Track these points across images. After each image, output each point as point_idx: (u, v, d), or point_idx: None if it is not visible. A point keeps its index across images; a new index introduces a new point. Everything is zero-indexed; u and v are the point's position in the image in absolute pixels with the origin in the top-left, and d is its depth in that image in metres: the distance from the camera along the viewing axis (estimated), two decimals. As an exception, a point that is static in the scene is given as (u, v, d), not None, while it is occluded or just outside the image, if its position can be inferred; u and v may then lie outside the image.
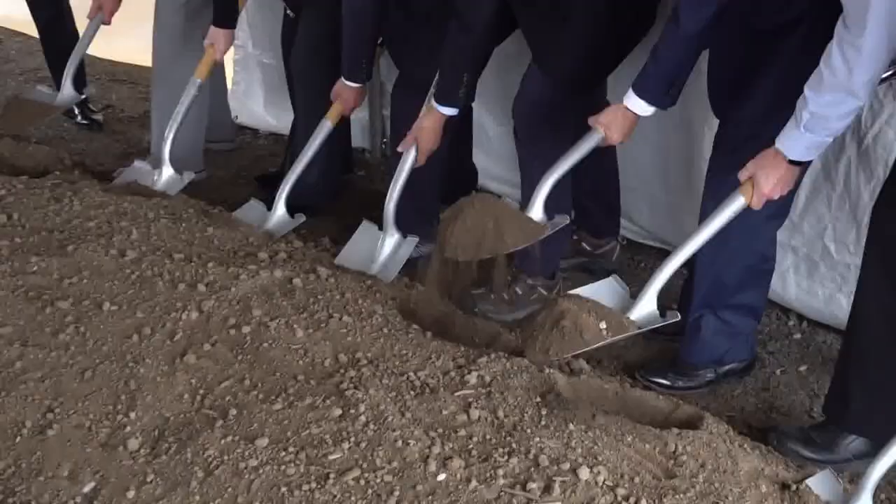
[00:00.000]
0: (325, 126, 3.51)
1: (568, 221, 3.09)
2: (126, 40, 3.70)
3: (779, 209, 2.84)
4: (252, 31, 4.75)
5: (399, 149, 3.23)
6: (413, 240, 3.35)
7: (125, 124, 4.85)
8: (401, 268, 3.35)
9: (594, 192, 3.49)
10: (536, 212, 2.92)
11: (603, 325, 2.61)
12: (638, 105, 2.80)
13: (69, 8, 4.62)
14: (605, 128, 2.85)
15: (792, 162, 2.43)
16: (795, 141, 2.38)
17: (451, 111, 3.13)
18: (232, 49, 4.72)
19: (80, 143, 4.65)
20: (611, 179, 3.56)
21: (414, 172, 3.26)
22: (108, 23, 3.90)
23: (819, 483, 2.39)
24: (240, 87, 4.91)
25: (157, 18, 4.05)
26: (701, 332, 3.00)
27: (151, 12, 4.06)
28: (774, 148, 2.43)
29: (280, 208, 3.49)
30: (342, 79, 3.45)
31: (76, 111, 4.87)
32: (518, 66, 3.41)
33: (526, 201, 3.02)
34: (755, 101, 2.66)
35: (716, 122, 3.22)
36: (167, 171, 3.83)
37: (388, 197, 3.34)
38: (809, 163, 2.52)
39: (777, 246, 3.03)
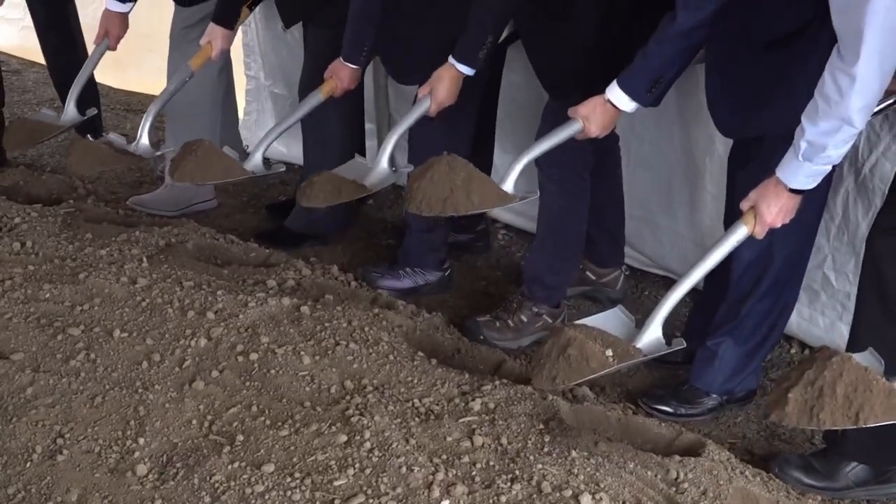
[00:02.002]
0: (316, 97, 3.44)
1: (536, 196, 3.11)
2: (139, 72, 3.71)
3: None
4: (263, 62, 4.78)
5: (419, 94, 3.15)
6: (406, 168, 3.21)
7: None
8: (387, 185, 3.28)
9: (599, 221, 3.48)
10: (507, 186, 2.89)
11: (609, 352, 2.60)
12: (620, 98, 2.76)
13: (81, 38, 4.64)
14: (584, 119, 2.82)
15: (793, 191, 2.43)
16: (795, 170, 2.38)
17: (468, 70, 3.07)
18: (244, 79, 4.77)
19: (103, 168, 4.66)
20: (615, 209, 3.55)
21: None
22: (113, 48, 3.91)
23: None
24: (251, 117, 4.93)
25: (172, 46, 4.07)
26: (717, 360, 3.00)
27: (163, 46, 4.08)
28: (775, 177, 2.43)
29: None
30: (340, 58, 3.38)
31: (93, 140, 4.88)
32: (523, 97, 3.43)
33: None
34: (777, 116, 2.63)
35: (718, 151, 3.23)
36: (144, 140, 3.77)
37: (390, 132, 3.24)
38: (814, 191, 2.52)
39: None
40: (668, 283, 3.26)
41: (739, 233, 2.51)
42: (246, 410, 2.65)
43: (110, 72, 4.49)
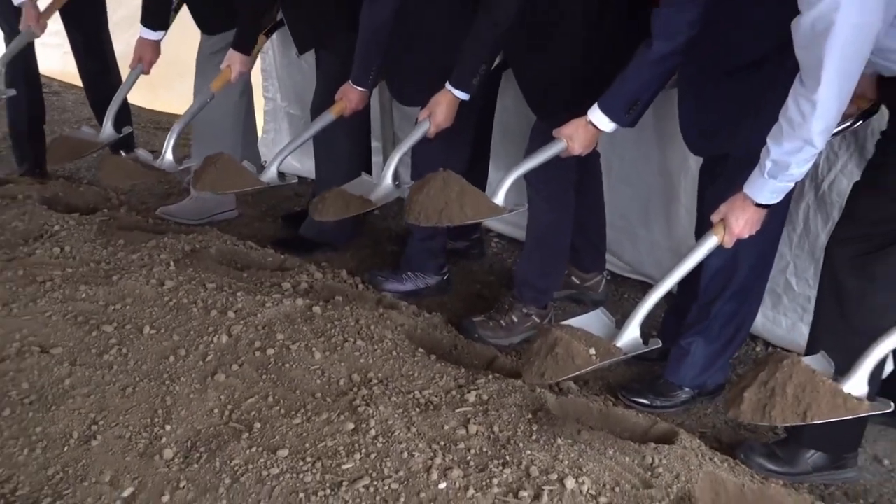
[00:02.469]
0: (328, 117, 3.44)
1: (525, 208, 3.14)
2: (168, 93, 3.71)
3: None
4: (280, 86, 4.79)
5: (419, 117, 3.14)
6: (408, 184, 3.20)
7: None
8: (391, 199, 3.27)
9: (582, 231, 3.49)
10: (498, 199, 2.90)
11: (592, 351, 2.60)
12: (601, 120, 2.77)
13: (115, 63, 4.64)
14: (568, 139, 2.83)
15: (759, 205, 2.43)
16: (761, 186, 2.39)
17: (464, 95, 3.06)
18: (263, 101, 4.78)
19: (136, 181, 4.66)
20: (597, 220, 3.56)
21: None
22: (147, 72, 3.92)
23: None
24: (269, 136, 4.94)
25: (198, 70, 4.08)
26: (689, 357, 3.00)
27: (190, 70, 4.09)
28: (743, 193, 2.44)
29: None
30: (350, 82, 3.38)
31: (123, 155, 4.88)
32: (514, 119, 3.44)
33: None
34: (742, 137, 2.63)
35: (691, 168, 3.24)
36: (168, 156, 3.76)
37: (393, 152, 3.22)
38: (777, 205, 2.53)
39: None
40: (646, 288, 3.25)
41: (710, 242, 2.52)
42: (263, 400, 2.66)
43: (142, 93, 4.49)
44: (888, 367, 2.47)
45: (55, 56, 4.82)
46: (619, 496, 2.27)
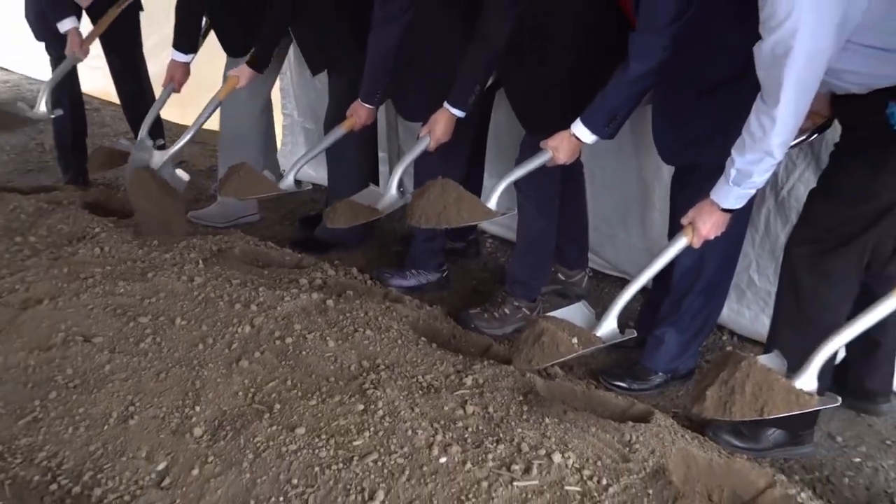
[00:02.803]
0: (339, 131, 3.43)
1: (514, 212, 3.17)
2: (197, 110, 3.71)
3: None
4: (297, 103, 4.78)
5: (420, 133, 3.14)
6: (410, 194, 3.18)
7: (196, 175, 4.84)
8: (396, 207, 3.25)
9: (567, 233, 3.49)
10: (491, 204, 2.90)
11: (575, 340, 2.60)
12: (583, 132, 2.76)
13: (149, 83, 4.63)
14: (553, 149, 2.83)
15: (724, 210, 2.44)
16: (726, 193, 2.39)
17: (460, 113, 3.05)
18: (281, 116, 4.77)
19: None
20: (580, 223, 3.56)
21: None
22: (178, 91, 3.92)
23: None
24: (287, 148, 4.92)
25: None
26: (663, 345, 3.00)
27: (215, 89, 4.08)
28: (710, 199, 2.44)
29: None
30: (359, 100, 3.37)
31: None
32: (506, 133, 3.43)
33: None
34: (710, 149, 2.62)
35: (664, 177, 3.23)
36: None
37: (397, 164, 3.21)
38: (741, 210, 2.52)
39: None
40: (624, 283, 3.21)
41: (680, 243, 2.52)
42: (282, 384, 2.66)
43: (174, 110, 4.46)
44: (839, 356, 2.47)
45: (96, 77, 4.81)
46: (601, 469, 2.28)
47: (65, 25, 4.05)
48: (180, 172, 3.89)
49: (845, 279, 2.47)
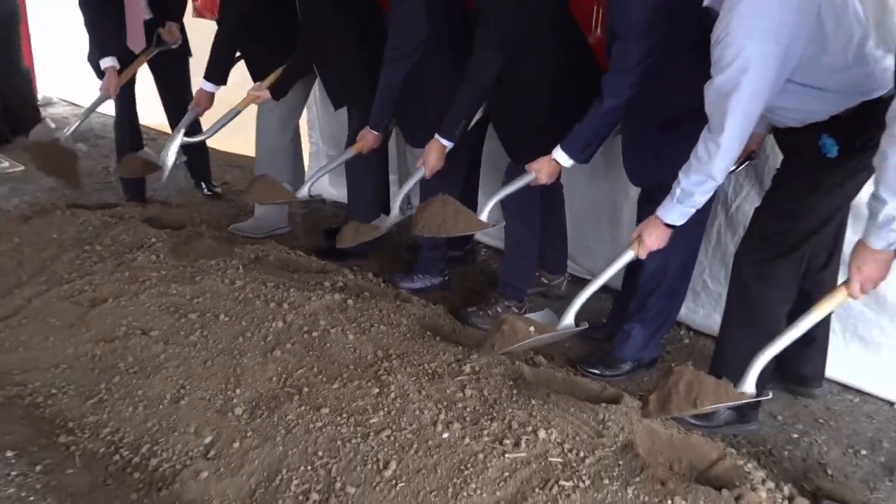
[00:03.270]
0: (349, 152, 3.47)
1: (502, 224, 3.19)
2: (236, 138, 3.70)
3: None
4: (322, 134, 4.77)
5: (417, 164, 3.18)
6: (411, 210, 3.26)
7: (236, 195, 4.88)
8: (394, 224, 3.36)
9: (550, 243, 3.50)
10: (483, 217, 2.93)
11: (532, 328, 2.61)
12: (562, 157, 2.79)
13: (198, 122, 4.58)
14: (536, 171, 2.86)
15: (667, 224, 2.42)
16: (670, 210, 2.37)
17: (449, 143, 3.07)
18: (308, 144, 4.77)
19: (206, 207, 4.66)
20: (561, 235, 3.56)
21: None
22: (200, 115, 3.96)
23: None
24: (313, 171, 4.91)
25: (258, 116, 4.07)
26: (630, 338, 3.01)
27: (251, 123, 4.10)
28: (656, 215, 2.43)
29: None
30: (368, 127, 3.38)
31: (203, 186, 4.89)
32: (495, 158, 3.44)
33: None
34: (671, 171, 2.63)
35: (632, 197, 3.24)
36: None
37: (400, 189, 3.28)
38: (696, 225, 2.52)
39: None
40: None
41: (627, 255, 2.52)
42: (309, 371, 2.66)
43: (222, 139, 4.42)
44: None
45: (152, 109, 4.80)
46: (578, 443, 2.28)
47: (105, 63, 4.02)
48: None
49: (786, 284, 2.48)
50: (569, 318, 2.64)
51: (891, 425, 2.77)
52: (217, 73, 3.84)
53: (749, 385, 2.14)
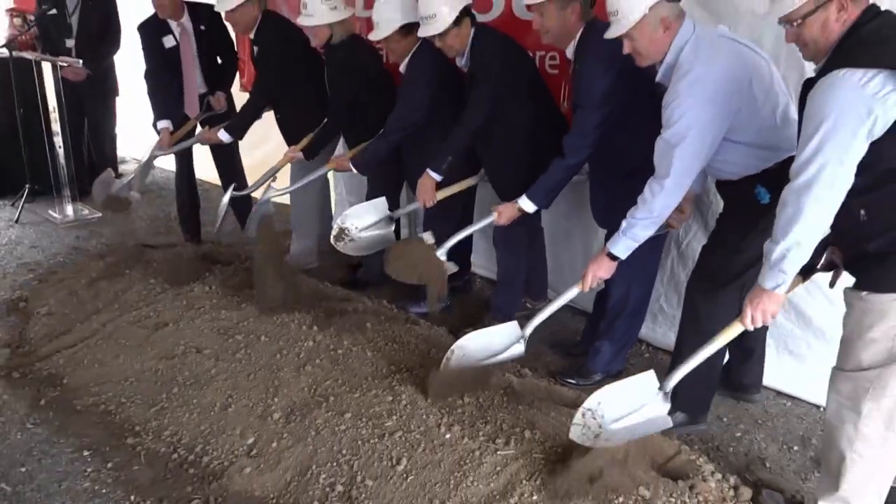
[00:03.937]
0: (323, 168, 3.61)
1: (456, 269, 3.05)
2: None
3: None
4: (345, 186, 4.76)
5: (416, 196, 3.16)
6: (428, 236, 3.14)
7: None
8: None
9: (533, 272, 3.48)
10: (441, 252, 2.95)
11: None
12: (527, 204, 2.78)
13: (242, 172, 4.48)
14: (498, 213, 2.85)
15: (611, 257, 2.39)
16: (618, 243, 2.35)
17: (437, 177, 3.04)
18: (334, 194, 4.76)
19: (250, 247, 4.64)
20: (541, 265, 3.55)
21: None
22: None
23: None
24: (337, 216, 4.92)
25: (292, 172, 4.02)
26: (600, 354, 2.98)
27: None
28: (604, 248, 2.41)
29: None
30: (349, 162, 3.40)
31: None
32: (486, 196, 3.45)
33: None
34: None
35: (600, 236, 3.23)
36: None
37: (399, 210, 3.38)
38: (653, 259, 2.49)
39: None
40: (573, 310, 3.26)
41: (574, 290, 2.47)
42: (335, 382, 2.65)
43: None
44: (724, 359, 2.44)
45: (206, 166, 4.80)
46: (558, 442, 2.25)
47: (161, 124, 4.03)
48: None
49: (730, 306, 2.46)
50: (527, 332, 2.59)
51: (818, 425, 2.74)
52: (237, 129, 3.85)
53: (669, 385, 2.13)
